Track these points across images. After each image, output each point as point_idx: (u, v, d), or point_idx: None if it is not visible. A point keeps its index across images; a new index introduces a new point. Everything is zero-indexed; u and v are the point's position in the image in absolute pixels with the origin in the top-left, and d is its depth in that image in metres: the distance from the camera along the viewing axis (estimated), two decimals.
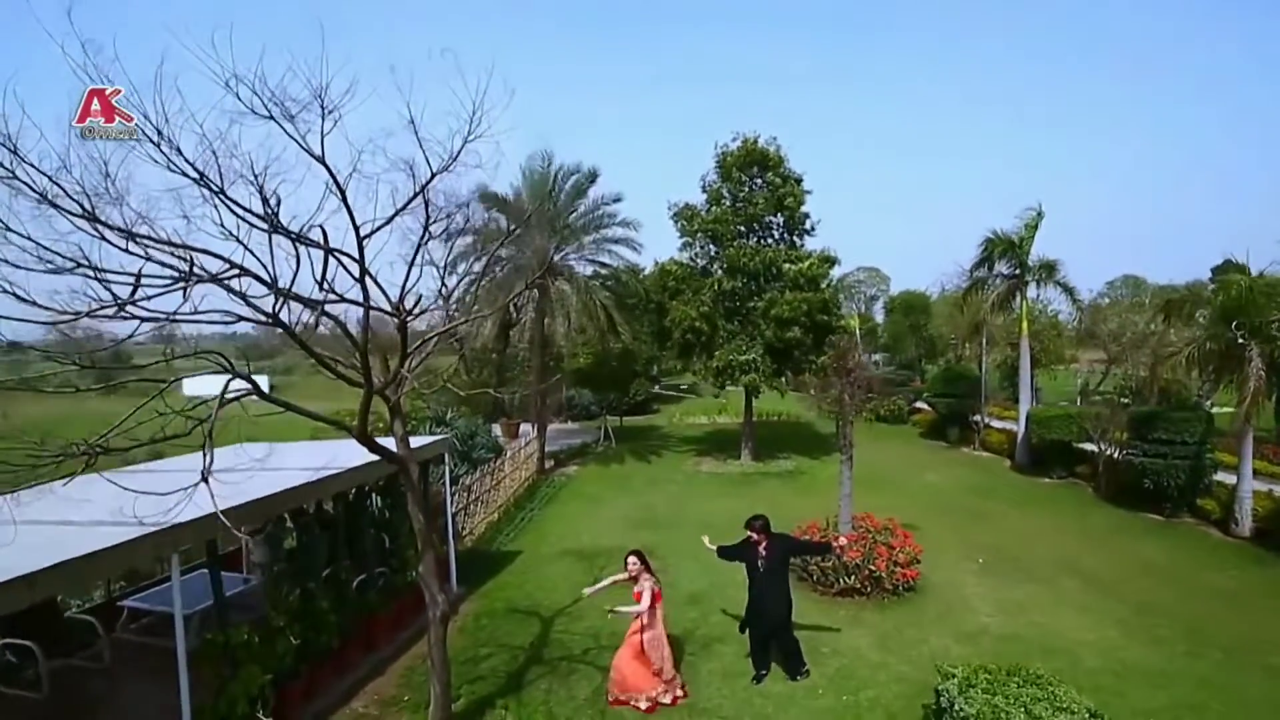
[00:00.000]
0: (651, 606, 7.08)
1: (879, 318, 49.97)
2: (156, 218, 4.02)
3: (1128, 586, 10.71)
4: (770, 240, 20.93)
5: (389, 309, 4.67)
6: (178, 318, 4.22)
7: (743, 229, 20.59)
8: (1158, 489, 13.97)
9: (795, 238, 21.20)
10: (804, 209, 20.91)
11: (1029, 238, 19.19)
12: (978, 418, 22.75)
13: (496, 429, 22.67)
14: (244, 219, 3.98)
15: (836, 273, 21.06)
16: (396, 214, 4.35)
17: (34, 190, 3.44)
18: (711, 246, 20.93)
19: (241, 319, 4.50)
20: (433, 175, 4.79)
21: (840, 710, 7.09)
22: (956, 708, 5.65)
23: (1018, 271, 19.62)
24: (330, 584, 7.83)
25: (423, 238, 5.08)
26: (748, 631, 7.84)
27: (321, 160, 3.98)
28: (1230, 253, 12.51)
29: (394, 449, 5.83)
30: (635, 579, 7.16)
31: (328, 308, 4.55)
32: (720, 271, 20.26)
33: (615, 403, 27.64)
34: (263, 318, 4.63)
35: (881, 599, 9.88)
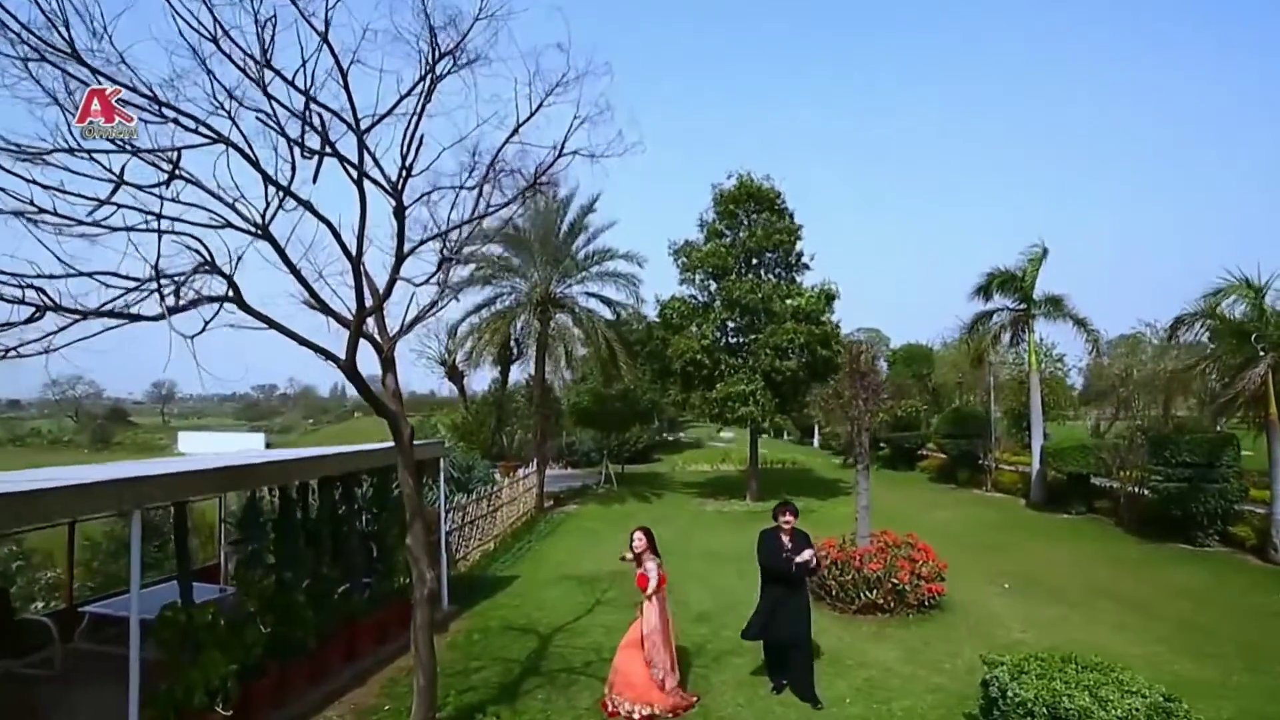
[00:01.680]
0: (657, 591, 6.47)
1: (882, 371, 49.68)
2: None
3: (1166, 608, 9.98)
4: (770, 276, 20.94)
5: (387, 187, 4.31)
6: (163, 213, 3.90)
7: (741, 265, 20.66)
8: (1185, 516, 13.32)
9: (793, 274, 21.25)
10: (800, 244, 21.08)
11: (1033, 271, 19.15)
12: (988, 459, 22.11)
13: (495, 473, 22.07)
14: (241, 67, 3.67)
15: (839, 320, 20.94)
16: (397, 104, 4.09)
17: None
18: (712, 283, 20.95)
19: (229, 225, 4.18)
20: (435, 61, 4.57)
21: (873, 707, 6.36)
22: (1010, 694, 5.00)
23: (1023, 305, 19.47)
24: (310, 578, 7.19)
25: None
26: (763, 641, 7.02)
27: (323, 36, 3.75)
28: (1225, 274, 12.29)
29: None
30: (639, 559, 6.57)
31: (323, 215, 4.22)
32: (720, 306, 20.17)
33: (616, 449, 27.03)
34: (251, 229, 4.32)
35: (905, 615, 9.16)
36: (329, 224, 4.40)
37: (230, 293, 4.24)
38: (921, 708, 6.55)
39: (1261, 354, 12.02)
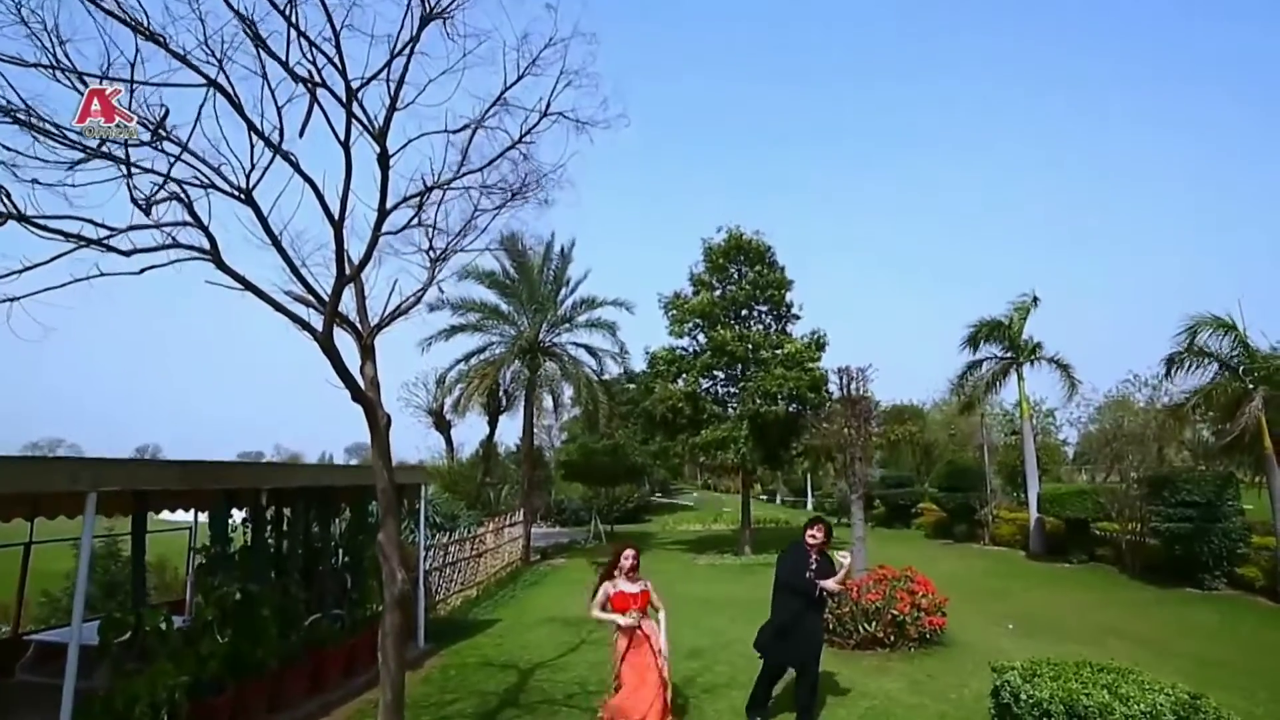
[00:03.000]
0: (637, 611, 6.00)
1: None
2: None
3: (1181, 645, 9.54)
4: (759, 326, 21.08)
5: (370, 128, 4.23)
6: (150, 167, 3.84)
7: (730, 316, 20.84)
8: (1190, 558, 12.95)
9: (784, 324, 21.43)
10: (790, 295, 21.36)
11: (1019, 320, 19.38)
12: (985, 511, 21.66)
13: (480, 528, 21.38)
14: None
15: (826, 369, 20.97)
16: (390, 61, 4.10)
17: None
18: (700, 335, 21.06)
19: (212, 186, 4.14)
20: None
21: None
22: (1024, 696, 4.64)
23: (1010, 354, 19.60)
24: (277, 596, 6.74)
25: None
26: (763, 664, 6.40)
27: None
28: (1193, 313, 12.48)
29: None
30: (634, 579, 6.16)
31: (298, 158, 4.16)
32: (708, 355, 20.20)
33: (606, 508, 26.38)
34: (234, 192, 4.27)
35: (908, 650, 8.67)
36: (312, 184, 4.34)
37: (208, 246, 4.14)
38: None
39: (1250, 388, 12.02)
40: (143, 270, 4.32)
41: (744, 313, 21.07)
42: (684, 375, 20.22)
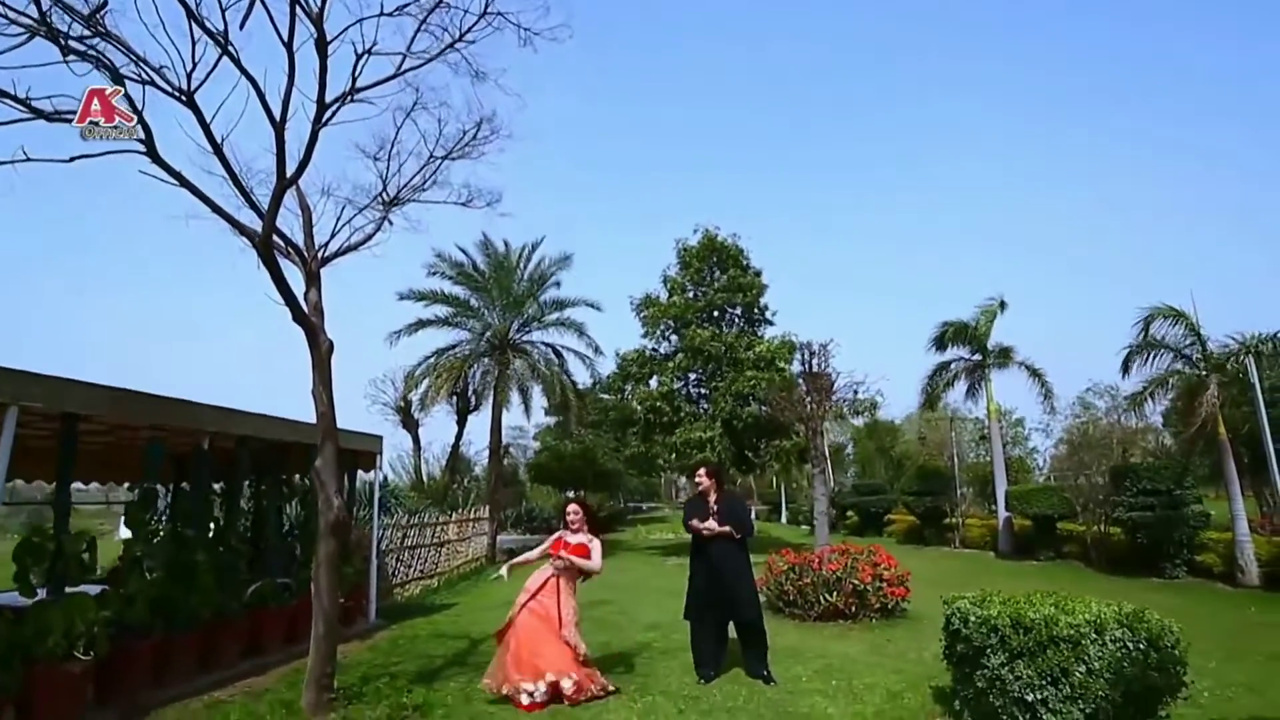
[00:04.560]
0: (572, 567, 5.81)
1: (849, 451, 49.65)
2: None
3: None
4: (731, 329, 21.14)
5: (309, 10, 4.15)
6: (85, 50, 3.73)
7: (704, 317, 20.89)
8: (1152, 545, 13.07)
9: (755, 327, 21.52)
10: (763, 300, 21.48)
11: (986, 322, 19.66)
12: (956, 514, 21.74)
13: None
14: None
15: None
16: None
17: None
18: (674, 337, 21.06)
19: (151, 83, 4.03)
20: None
21: (832, 692, 5.73)
22: (973, 619, 4.57)
23: (978, 355, 19.85)
24: (216, 546, 6.47)
25: None
26: (694, 618, 6.18)
27: None
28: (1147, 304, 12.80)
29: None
30: (577, 532, 6.03)
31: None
32: (681, 356, 20.17)
33: None
34: (175, 93, 4.17)
35: (870, 620, 8.59)
36: (254, 82, 4.27)
37: (141, 137, 4.03)
38: (885, 683, 5.96)
39: (1204, 375, 12.28)
40: (73, 159, 4.19)
41: (717, 314, 21.13)
42: (657, 376, 20.15)
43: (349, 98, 4.48)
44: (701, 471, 6.41)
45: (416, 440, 21.88)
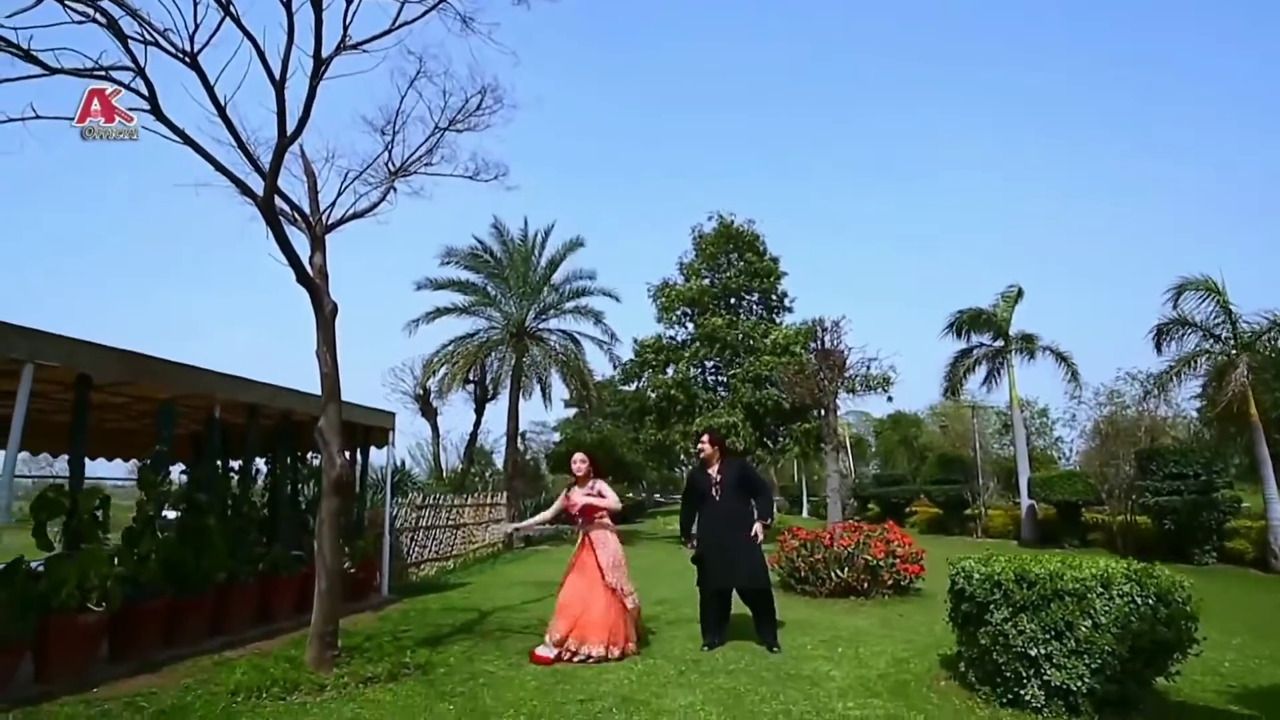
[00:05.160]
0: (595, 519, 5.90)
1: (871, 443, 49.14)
2: None
3: None
4: (749, 316, 21.01)
5: None
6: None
7: (720, 304, 20.78)
8: (1180, 531, 12.72)
9: (774, 315, 21.36)
10: (781, 287, 21.32)
11: (1006, 308, 19.30)
12: (978, 503, 21.38)
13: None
14: None
15: None
16: None
17: None
18: (690, 324, 20.99)
19: (156, 44, 4.11)
20: None
21: (837, 658, 5.66)
22: (977, 576, 4.50)
23: (999, 342, 19.49)
24: (228, 513, 6.60)
25: None
26: (701, 585, 6.16)
27: None
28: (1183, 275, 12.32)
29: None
30: (585, 483, 6.04)
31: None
32: (697, 343, 20.10)
33: None
34: (179, 54, 4.24)
35: (883, 597, 8.48)
36: (254, 42, 4.32)
37: (146, 93, 4.11)
38: (892, 651, 5.88)
39: (1234, 354, 11.90)
40: (79, 118, 4.28)
41: (734, 301, 21.03)
42: (673, 364, 20.11)
43: (342, 47, 4.52)
44: (705, 439, 6.37)
45: (435, 428, 22.13)
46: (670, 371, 19.96)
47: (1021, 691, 4.08)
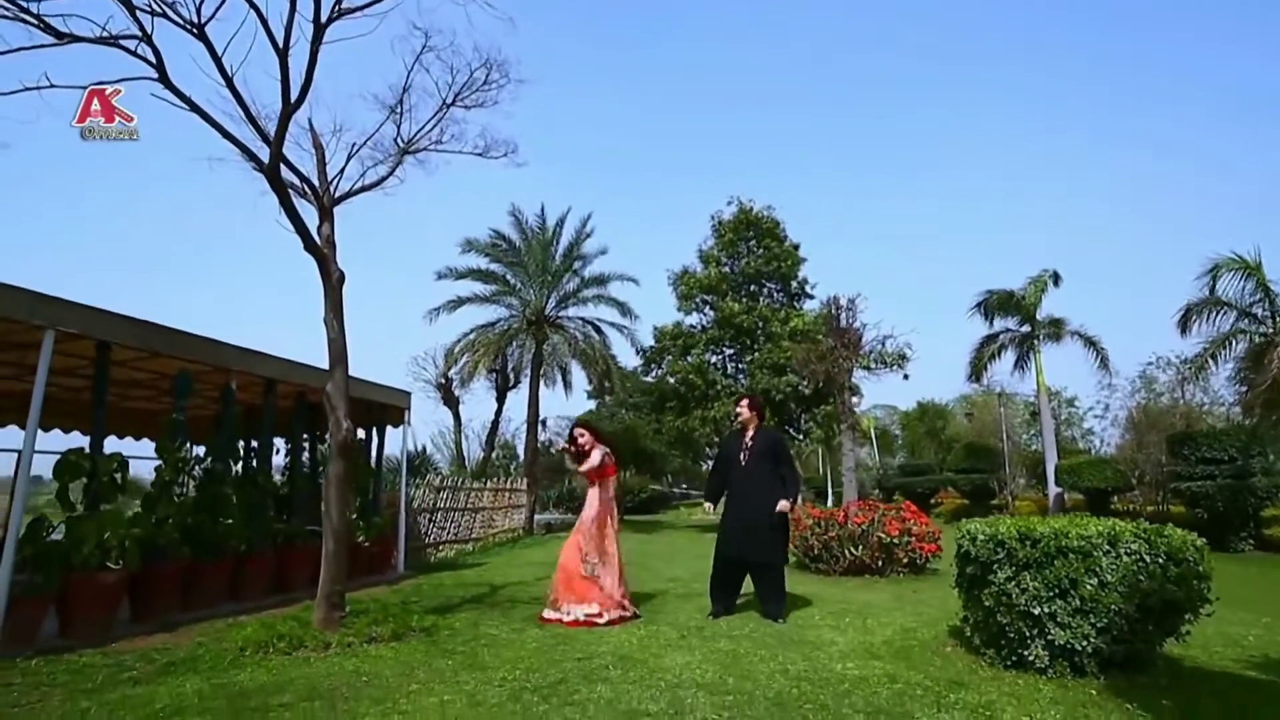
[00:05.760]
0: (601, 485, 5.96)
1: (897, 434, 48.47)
2: None
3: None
4: (769, 301, 20.85)
5: None
6: None
7: (739, 291, 20.66)
8: (1213, 517, 12.31)
9: (794, 301, 21.18)
10: (801, 273, 21.11)
11: (1035, 293, 18.84)
12: (1004, 492, 20.96)
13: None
14: None
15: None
16: None
17: None
18: (709, 310, 20.91)
19: (163, 15, 4.21)
20: None
21: (844, 627, 5.59)
22: (981, 537, 4.40)
23: (1026, 327, 19.05)
24: (245, 485, 6.77)
25: None
26: (716, 554, 6.11)
27: None
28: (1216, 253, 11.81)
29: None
30: (586, 454, 6.08)
31: None
32: (715, 328, 20.03)
33: (619, 498, 26.18)
34: (186, 25, 4.34)
35: (898, 576, 8.37)
36: (258, 10, 4.41)
37: (153, 61, 4.21)
38: (901, 622, 5.80)
39: (1273, 333, 11.47)
40: (90, 86, 4.41)
41: (753, 288, 20.90)
42: (692, 351, 20.07)
43: (338, 10, 4.58)
44: (743, 403, 6.24)
45: (457, 417, 22.41)
46: (689, 358, 19.90)
47: (1025, 653, 4.00)
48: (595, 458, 6.00)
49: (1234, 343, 12.06)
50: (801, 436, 19.76)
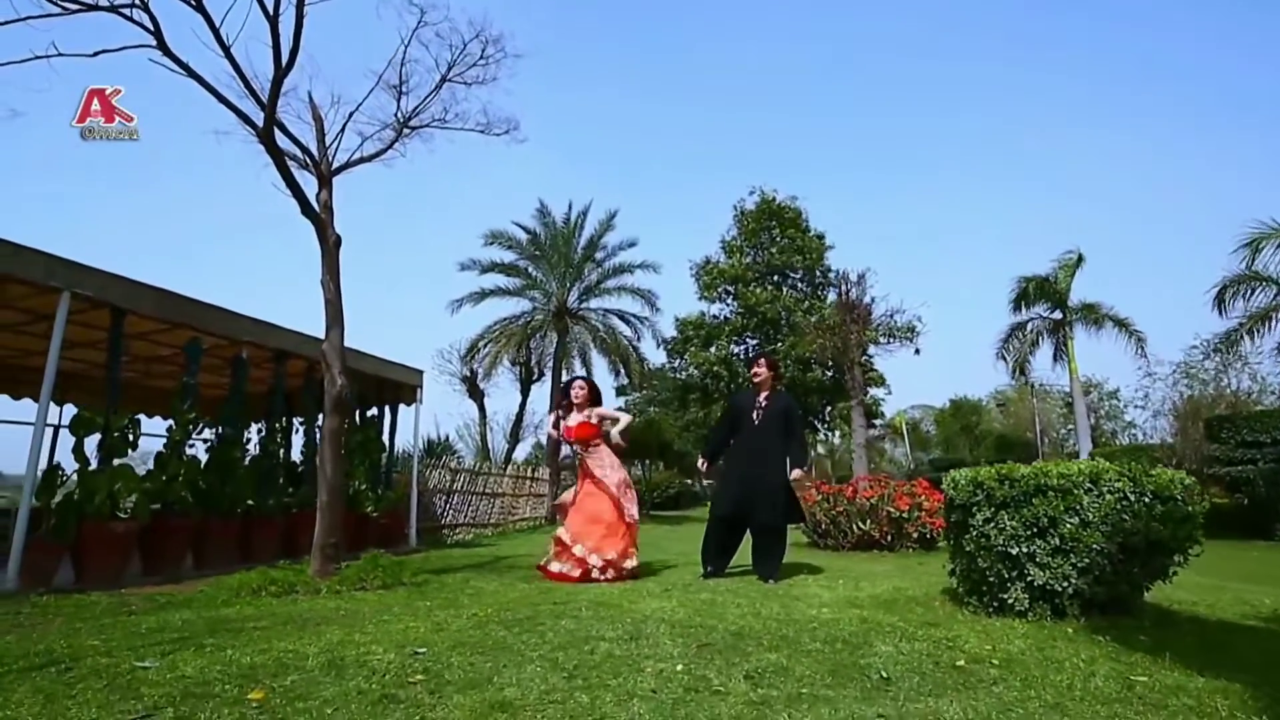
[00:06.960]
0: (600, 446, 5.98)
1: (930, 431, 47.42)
2: None
3: (1243, 568, 8.64)
4: (793, 291, 20.67)
5: None
6: None
7: (762, 281, 20.53)
8: (1255, 503, 11.74)
9: (819, 291, 20.95)
10: (826, 262, 20.87)
11: (1066, 277, 18.27)
12: None
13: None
14: None
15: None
16: None
17: None
18: (732, 301, 20.83)
19: None
20: None
21: (836, 589, 5.48)
22: (963, 481, 4.31)
23: (1058, 313, 18.47)
24: (256, 453, 7.02)
25: None
26: (712, 511, 6.02)
27: None
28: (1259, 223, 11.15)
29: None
30: (580, 410, 6.11)
31: None
32: (737, 317, 19.94)
33: (644, 493, 26.20)
34: None
35: (907, 551, 8.20)
36: None
37: (151, 28, 4.42)
38: (895, 584, 5.68)
39: None
40: (96, 54, 4.66)
41: (776, 278, 20.76)
42: (715, 342, 20.03)
43: None
44: (761, 362, 6.06)
45: (482, 409, 22.75)
46: (712, 349, 19.87)
47: (1005, 596, 3.91)
48: (594, 417, 5.98)
49: (1274, 319, 11.50)
50: (824, 427, 19.50)
